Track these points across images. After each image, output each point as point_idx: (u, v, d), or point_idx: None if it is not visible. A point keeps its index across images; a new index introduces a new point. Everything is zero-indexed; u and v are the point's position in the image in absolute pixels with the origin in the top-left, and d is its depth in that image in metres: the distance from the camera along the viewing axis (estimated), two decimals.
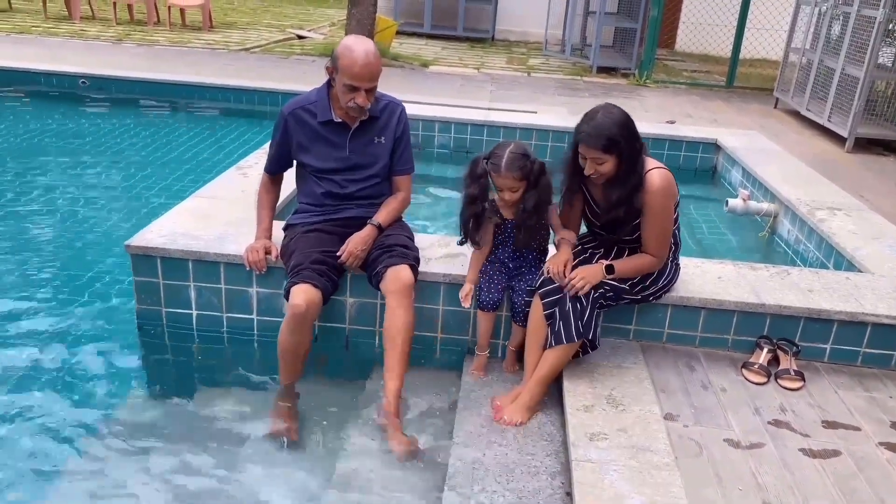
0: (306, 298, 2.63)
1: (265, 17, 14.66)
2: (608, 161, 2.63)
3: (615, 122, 2.62)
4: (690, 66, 12.24)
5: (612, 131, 2.60)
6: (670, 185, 2.73)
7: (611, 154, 2.62)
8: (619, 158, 2.63)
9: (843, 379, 2.93)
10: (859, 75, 7.02)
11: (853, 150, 7.11)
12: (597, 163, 2.64)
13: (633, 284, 2.80)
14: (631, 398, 2.62)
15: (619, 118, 2.65)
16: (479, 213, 2.81)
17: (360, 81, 2.69)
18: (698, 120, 7.88)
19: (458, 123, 6.00)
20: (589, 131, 2.62)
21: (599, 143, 2.60)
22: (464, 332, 3.10)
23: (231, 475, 2.43)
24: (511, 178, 2.70)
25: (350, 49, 2.70)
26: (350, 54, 2.68)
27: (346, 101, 2.75)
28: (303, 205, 3.00)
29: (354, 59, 2.67)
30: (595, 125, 2.62)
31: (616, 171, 2.66)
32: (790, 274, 3.24)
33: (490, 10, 13.42)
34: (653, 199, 2.69)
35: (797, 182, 4.78)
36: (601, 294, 2.71)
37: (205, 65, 8.81)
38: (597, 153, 2.62)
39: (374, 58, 2.71)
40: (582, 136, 2.65)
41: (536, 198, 2.75)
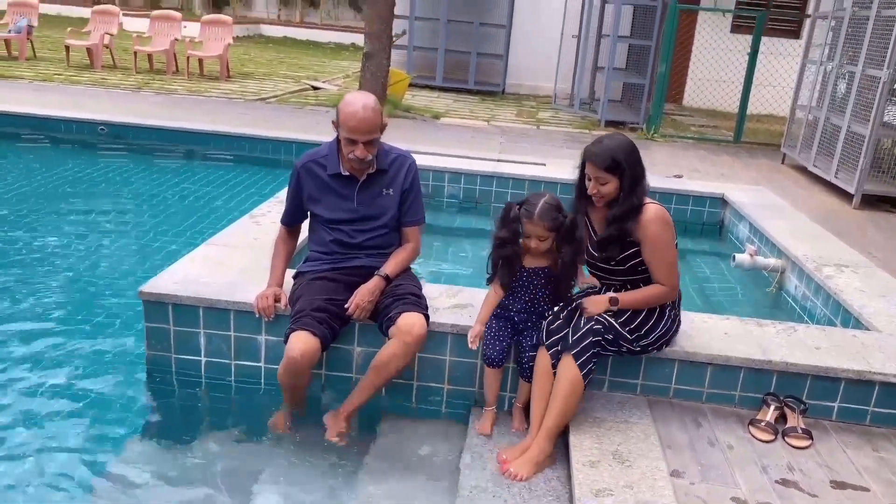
0: (303, 346, 2.69)
1: (281, 68, 15.01)
2: (611, 182, 2.76)
3: (621, 146, 2.79)
4: (698, 121, 12.40)
5: (617, 153, 2.76)
6: (666, 216, 2.84)
7: (614, 175, 2.75)
8: (620, 180, 2.76)
9: (852, 438, 2.91)
10: (865, 133, 7.10)
11: (860, 206, 7.15)
12: (600, 182, 2.78)
13: (632, 331, 2.82)
14: (637, 454, 2.61)
15: (626, 143, 2.82)
16: (508, 256, 2.87)
17: (357, 134, 2.79)
18: (706, 174, 7.96)
19: (468, 174, 6.09)
20: (596, 151, 2.79)
21: (605, 163, 2.74)
22: (470, 383, 3.10)
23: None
24: (542, 226, 2.78)
25: (348, 104, 2.81)
26: (348, 108, 2.79)
27: (346, 153, 2.85)
28: (313, 252, 3.06)
29: (352, 113, 2.78)
30: (603, 147, 2.79)
31: (617, 194, 2.79)
32: (797, 331, 3.25)
33: (501, 64, 13.71)
34: (650, 227, 2.78)
35: (804, 238, 4.81)
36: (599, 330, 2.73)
37: (221, 113, 9.00)
38: (601, 172, 2.76)
39: (371, 112, 2.80)
40: (589, 156, 2.81)
41: (572, 253, 2.84)
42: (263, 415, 3.00)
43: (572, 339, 2.72)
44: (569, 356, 2.69)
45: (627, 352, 2.89)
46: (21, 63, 12.16)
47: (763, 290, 4.69)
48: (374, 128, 2.82)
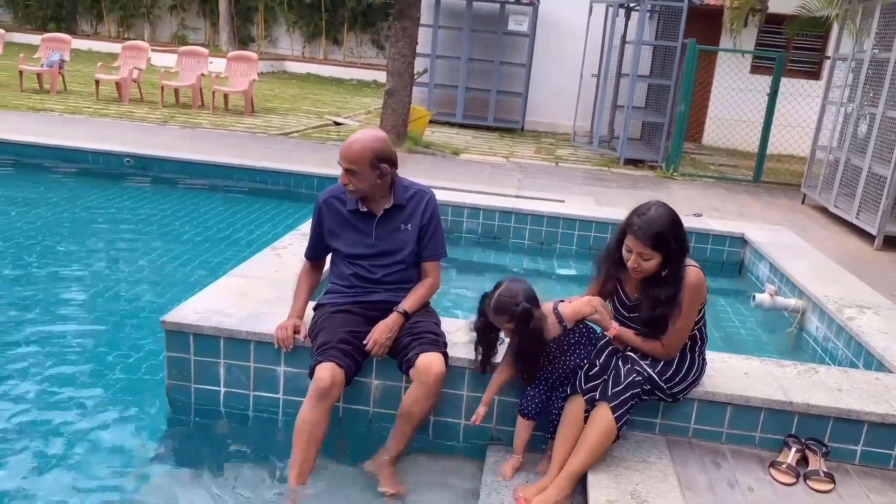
0: (331, 376, 2.70)
1: (304, 104, 15.26)
2: (654, 258, 2.66)
3: (668, 221, 2.64)
4: (717, 160, 12.40)
5: (663, 229, 2.62)
6: (701, 285, 2.77)
7: (658, 252, 2.64)
8: (665, 258, 2.66)
9: (875, 482, 2.86)
10: (886, 174, 7.07)
11: (882, 247, 7.09)
12: (643, 258, 2.66)
13: (667, 380, 2.80)
14: (655, 494, 2.58)
15: (672, 217, 2.67)
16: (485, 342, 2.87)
17: (340, 159, 2.90)
18: (725, 213, 7.94)
19: (487, 210, 6.13)
20: (641, 225, 2.63)
21: (650, 240, 2.62)
22: (488, 420, 3.08)
23: None
24: (500, 320, 2.76)
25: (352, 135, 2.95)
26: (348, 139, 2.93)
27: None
28: (334, 285, 3.10)
29: (345, 142, 2.92)
30: (648, 220, 2.63)
31: (658, 269, 2.69)
32: (818, 372, 3.22)
33: (520, 102, 13.84)
34: (681, 294, 2.72)
35: (825, 279, 4.77)
36: (639, 382, 2.71)
37: (245, 147, 9.16)
38: (645, 248, 2.63)
39: (357, 144, 2.89)
40: (633, 229, 2.65)
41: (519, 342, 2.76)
42: (282, 446, 3.01)
43: (612, 389, 2.69)
44: (606, 405, 2.67)
45: (660, 400, 2.88)
46: (52, 96, 12.47)
47: (783, 331, 4.65)
48: (354, 158, 2.87)
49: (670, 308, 2.71)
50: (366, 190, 2.94)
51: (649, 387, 2.76)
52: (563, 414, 2.79)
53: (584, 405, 2.74)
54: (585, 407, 2.74)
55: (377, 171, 2.90)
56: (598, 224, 5.91)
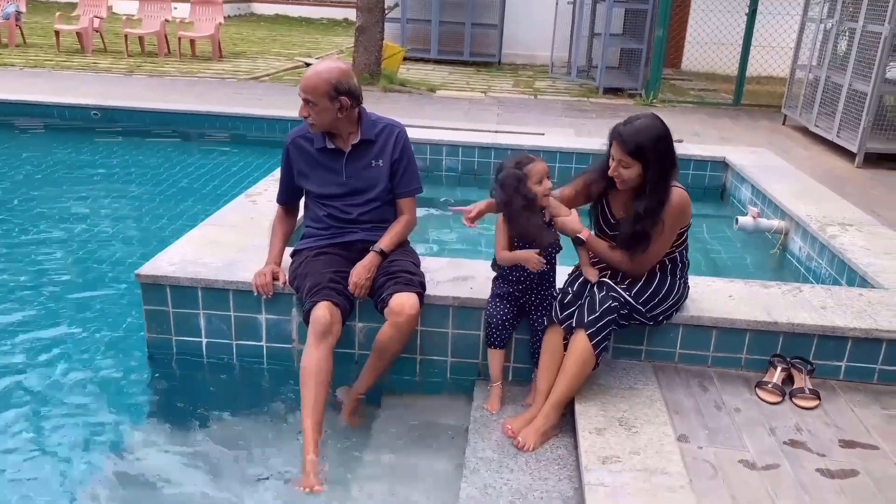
0: (329, 314, 2.67)
1: (274, 47, 14.84)
2: (633, 167, 2.65)
3: (651, 133, 2.64)
4: (697, 85, 12.26)
5: (644, 139, 2.62)
6: (684, 207, 2.75)
7: (637, 161, 2.63)
8: (644, 168, 2.65)
9: (860, 397, 2.88)
10: (867, 90, 7.01)
11: (863, 165, 7.08)
12: (622, 165, 2.66)
13: (645, 302, 2.79)
14: (644, 420, 2.59)
15: (657, 130, 2.66)
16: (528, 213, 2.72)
17: (300, 90, 2.80)
18: (706, 138, 7.87)
19: (466, 147, 6.02)
20: (623, 133, 2.65)
21: (628, 147, 2.62)
22: (474, 355, 3.08)
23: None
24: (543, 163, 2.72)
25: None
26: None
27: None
28: (309, 229, 3.03)
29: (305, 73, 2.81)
30: (632, 129, 2.65)
31: (640, 181, 2.68)
32: (802, 291, 3.21)
33: (496, 34, 13.53)
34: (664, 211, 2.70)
35: (807, 199, 4.75)
36: (615, 308, 2.69)
37: (214, 94, 8.91)
38: (624, 156, 2.64)
39: (314, 74, 2.78)
40: (616, 136, 2.67)
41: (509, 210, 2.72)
42: (266, 393, 2.99)
43: (588, 316, 2.66)
44: (583, 333, 2.65)
45: (640, 324, 2.86)
46: (11, 50, 12.03)
47: (767, 252, 4.65)
48: (311, 88, 2.77)
49: (651, 223, 2.68)
50: (326, 124, 2.84)
51: (627, 311, 2.73)
52: (542, 345, 2.77)
53: (562, 334, 2.72)
54: (564, 335, 2.72)
55: (336, 103, 2.79)
56: (579, 155, 5.84)
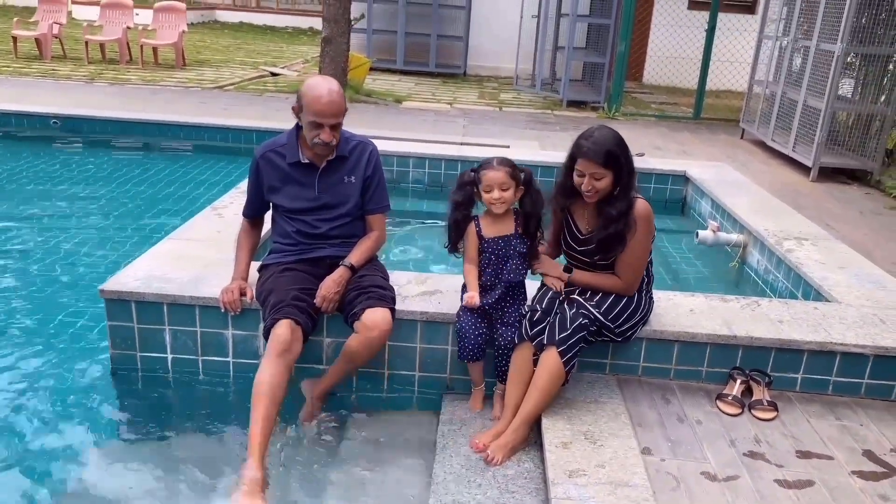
0: (290, 332, 2.66)
1: (238, 55, 14.74)
2: (606, 177, 2.71)
3: (614, 139, 2.73)
4: (658, 99, 12.50)
5: (612, 146, 2.70)
6: (650, 215, 2.84)
7: (609, 169, 2.70)
8: (616, 175, 2.72)
9: (815, 408, 2.98)
10: (821, 107, 7.23)
11: (818, 179, 7.29)
12: (595, 178, 2.72)
13: (614, 318, 2.85)
14: (608, 433, 2.64)
15: (617, 136, 2.76)
16: (458, 220, 2.85)
17: (324, 118, 2.76)
18: (667, 152, 8.03)
19: (432, 159, 6.06)
20: (590, 146, 2.70)
21: (600, 158, 2.68)
22: (442, 370, 3.10)
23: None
24: (503, 172, 2.75)
25: (313, 87, 2.78)
26: (313, 92, 2.77)
27: (311, 138, 2.81)
28: (277, 244, 3.02)
29: (318, 95, 2.75)
30: (595, 140, 2.71)
31: (611, 188, 2.75)
32: (760, 305, 3.31)
33: (461, 46, 13.64)
34: (635, 226, 2.77)
35: (765, 213, 4.89)
36: (585, 325, 2.74)
37: (178, 103, 8.82)
38: (596, 168, 2.70)
39: (338, 95, 2.79)
40: (583, 151, 2.71)
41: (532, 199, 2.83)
42: (233, 409, 2.97)
43: (559, 333, 2.70)
44: (554, 349, 2.68)
45: (610, 340, 2.92)
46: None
47: (727, 266, 4.77)
48: (340, 111, 2.81)
49: (623, 225, 2.75)
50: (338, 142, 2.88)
51: (596, 328, 2.80)
52: (512, 361, 2.81)
53: (532, 350, 2.76)
54: (534, 351, 2.76)
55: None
56: (544, 168, 5.89)
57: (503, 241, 2.85)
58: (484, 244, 2.86)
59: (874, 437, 2.80)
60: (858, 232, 5.63)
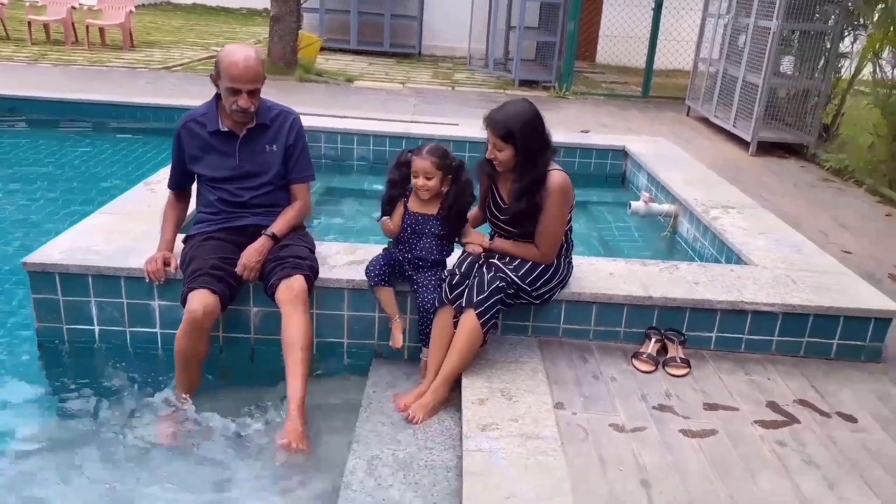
0: (203, 303, 2.68)
1: (189, 36, 14.49)
2: (506, 149, 2.83)
3: (520, 116, 2.83)
4: (610, 78, 12.64)
5: (513, 123, 2.81)
6: (568, 188, 2.92)
7: (508, 143, 2.81)
8: (515, 149, 2.82)
9: (728, 364, 3.11)
10: (759, 82, 7.41)
11: (757, 153, 7.48)
12: (497, 148, 2.85)
13: (531, 283, 2.94)
14: (525, 390, 2.74)
15: (526, 113, 2.85)
16: (395, 197, 2.97)
17: (241, 83, 2.80)
18: (614, 129, 8.15)
19: (377, 136, 6.09)
20: (494, 117, 2.85)
21: (499, 131, 2.81)
22: (370, 336, 3.17)
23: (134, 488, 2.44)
24: (430, 161, 2.85)
25: (230, 54, 2.82)
26: (230, 58, 2.80)
27: (229, 105, 2.85)
28: (201, 214, 3.05)
29: (234, 62, 2.79)
30: (503, 114, 2.84)
31: (514, 162, 2.85)
32: (679, 268, 3.43)
33: (416, 26, 13.61)
34: (549, 197, 2.86)
35: (697, 184, 5.03)
36: (502, 287, 2.82)
37: (124, 84, 8.68)
38: (496, 139, 2.83)
39: (254, 61, 2.83)
40: (487, 122, 2.86)
41: (456, 192, 2.92)
42: (162, 380, 2.99)
43: (477, 296, 2.79)
44: (472, 311, 2.77)
45: (527, 303, 3.01)
46: None
47: (659, 235, 4.90)
48: (257, 76, 2.85)
49: (530, 200, 2.85)
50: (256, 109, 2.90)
51: (513, 291, 2.88)
52: (433, 324, 2.89)
53: (452, 313, 2.84)
54: (454, 314, 2.84)
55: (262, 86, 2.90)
56: None
57: (422, 219, 2.96)
58: (406, 216, 2.96)
59: (780, 390, 2.94)
60: (791, 203, 5.81)
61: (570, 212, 3.00)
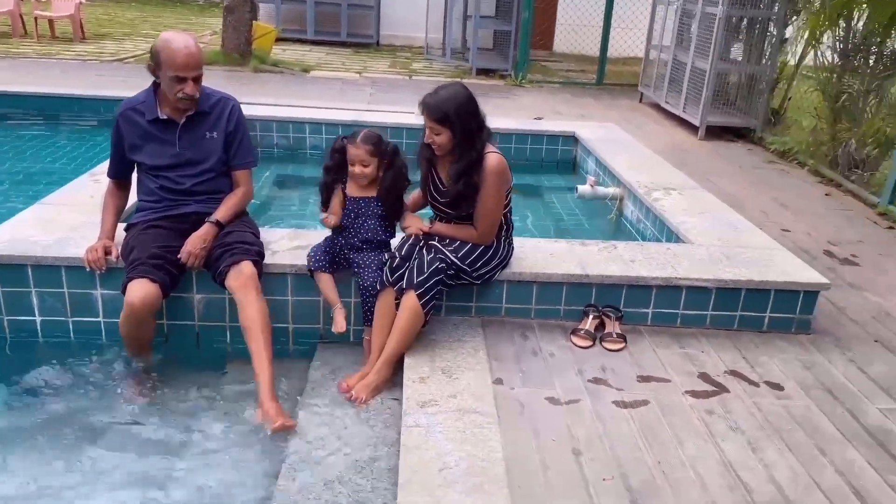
0: (143, 293, 2.69)
1: (143, 28, 14.27)
2: (443, 133, 2.88)
3: (454, 99, 2.89)
4: (566, 66, 12.75)
5: (448, 106, 2.86)
6: (504, 170, 2.99)
7: (444, 126, 2.87)
8: (452, 132, 2.88)
9: (663, 339, 3.22)
10: (706, 68, 7.56)
11: (706, 137, 7.65)
12: (434, 132, 2.90)
13: (471, 263, 3.00)
14: (465, 368, 2.81)
15: (460, 96, 2.91)
16: (330, 183, 3.04)
17: (186, 71, 2.82)
18: (568, 116, 8.25)
19: (330, 125, 6.09)
20: (429, 102, 2.89)
21: (435, 115, 2.86)
22: (315, 320, 3.21)
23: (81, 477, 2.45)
24: (364, 150, 2.93)
25: (169, 43, 2.82)
26: (171, 47, 2.81)
27: (175, 94, 2.85)
28: (142, 203, 3.05)
29: (176, 50, 2.80)
30: (437, 98, 2.89)
31: (452, 144, 2.91)
32: (617, 248, 3.52)
33: (373, 15, 13.57)
34: (486, 179, 2.93)
35: (642, 168, 5.14)
36: (442, 268, 2.89)
37: (74, 76, 8.55)
38: (433, 124, 2.88)
39: (195, 48, 2.86)
40: (423, 106, 2.91)
41: (394, 176, 3.00)
42: (107, 370, 3.00)
43: (417, 277, 2.85)
44: (413, 293, 2.83)
45: (469, 283, 3.08)
46: None
47: (606, 218, 5.00)
48: (199, 63, 2.89)
49: (468, 182, 2.92)
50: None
51: (454, 272, 2.95)
52: (375, 307, 2.94)
53: (394, 295, 2.89)
54: (396, 296, 2.89)
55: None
56: None
57: (363, 202, 3.03)
58: (347, 202, 3.01)
59: (712, 362, 3.06)
60: (735, 184, 5.96)
61: (507, 193, 3.07)
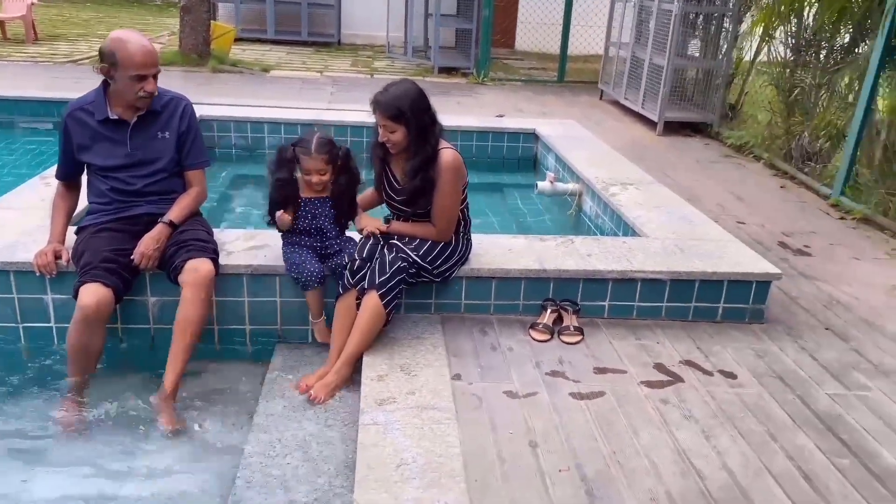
0: (96, 297, 2.64)
1: (99, 29, 14.00)
2: (398, 130, 2.88)
3: (406, 95, 2.88)
4: (528, 64, 12.83)
5: (401, 102, 2.85)
6: (460, 165, 3.00)
7: (399, 123, 2.86)
8: (407, 129, 2.88)
9: (620, 331, 3.26)
10: (664, 64, 7.67)
11: (664, 132, 7.76)
12: (388, 130, 2.89)
13: (432, 261, 3.01)
14: (424, 365, 2.81)
15: (411, 92, 2.91)
16: (287, 196, 2.97)
17: (146, 69, 2.80)
18: (529, 114, 8.31)
19: (288, 124, 6.04)
20: (381, 99, 2.88)
21: (389, 112, 2.85)
22: (272, 321, 3.18)
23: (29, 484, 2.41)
24: (320, 160, 2.90)
25: (125, 42, 2.79)
26: (128, 47, 2.77)
27: (135, 93, 2.82)
28: (93, 205, 3.00)
29: (134, 50, 2.78)
30: (388, 96, 2.88)
31: (407, 141, 2.90)
32: (574, 242, 3.56)
33: (334, 14, 13.50)
34: (442, 175, 2.94)
35: (601, 164, 5.19)
36: (404, 268, 2.89)
37: (25, 78, 8.37)
38: (386, 121, 2.87)
39: (150, 45, 2.85)
40: (375, 105, 2.89)
41: (348, 178, 3.00)
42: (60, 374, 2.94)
43: (379, 277, 2.84)
44: (374, 293, 2.83)
45: (429, 281, 3.08)
46: None
47: (565, 214, 5.05)
48: (157, 60, 2.88)
49: (424, 178, 2.92)
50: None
51: (415, 270, 2.95)
52: (336, 310, 2.94)
53: (355, 295, 2.89)
54: (357, 296, 2.89)
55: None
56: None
57: (319, 202, 3.01)
58: (303, 204, 3.00)
59: (667, 353, 3.11)
60: (692, 178, 6.06)
61: (464, 189, 3.08)
